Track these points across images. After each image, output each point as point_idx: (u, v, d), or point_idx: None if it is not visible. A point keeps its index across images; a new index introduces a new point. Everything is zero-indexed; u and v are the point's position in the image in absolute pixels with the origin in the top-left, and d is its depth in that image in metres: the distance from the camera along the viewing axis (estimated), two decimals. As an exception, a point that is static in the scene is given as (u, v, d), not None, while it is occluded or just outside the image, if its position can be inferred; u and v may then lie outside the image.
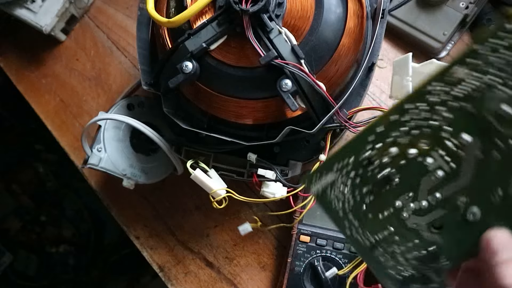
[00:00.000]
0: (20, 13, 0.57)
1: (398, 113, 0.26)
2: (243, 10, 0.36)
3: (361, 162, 0.28)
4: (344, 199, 0.30)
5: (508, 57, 0.23)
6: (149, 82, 0.44)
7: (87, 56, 0.61)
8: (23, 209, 1.20)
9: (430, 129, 0.26)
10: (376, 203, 0.30)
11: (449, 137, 0.26)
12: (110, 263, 1.18)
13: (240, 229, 0.47)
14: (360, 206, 0.30)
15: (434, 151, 0.27)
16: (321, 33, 0.39)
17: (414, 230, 0.29)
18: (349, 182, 0.29)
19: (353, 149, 0.29)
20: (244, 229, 0.47)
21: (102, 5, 0.63)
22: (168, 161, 0.48)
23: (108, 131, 0.50)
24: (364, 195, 0.29)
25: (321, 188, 0.29)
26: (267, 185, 0.44)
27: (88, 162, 0.49)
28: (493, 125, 0.24)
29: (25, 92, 0.62)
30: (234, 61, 0.39)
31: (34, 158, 1.22)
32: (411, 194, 0.28)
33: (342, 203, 0.30)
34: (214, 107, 0.42)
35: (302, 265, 0.48)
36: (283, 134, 0.39)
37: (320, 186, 0.29)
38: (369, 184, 0.29)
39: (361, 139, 0.28)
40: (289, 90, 0.37)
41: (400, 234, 0.29)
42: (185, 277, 0.54)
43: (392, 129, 0.27)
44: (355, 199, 0.30)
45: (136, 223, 0.55)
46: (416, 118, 0.26)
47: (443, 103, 0.25)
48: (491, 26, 0.24)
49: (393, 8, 0.48)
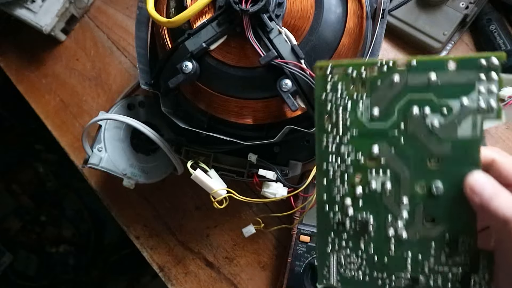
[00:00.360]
0: (20, 13, 0.57)
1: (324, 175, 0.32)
2: (243, 10, 0.36)
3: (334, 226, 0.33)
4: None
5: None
6: (148, 81, 0.44)
7: (87, 56, 0.61)
8: (23, 209, 1.20)
9: (351, 165, 0.32)
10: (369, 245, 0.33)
11: (366, 159, 0.31)
12: (110, 263, 1.18)
13: (244, 231, 0.47)
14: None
15: (369, 176, 0.31)
16: (321, 33, 0.39)
17: (422, 238, 0.31)
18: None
19: None
20: (248, 231, 0.47)
21: (102, 5, 0.63)
22: (168, 161, 0.48)
23: (109, 131, 0.50)
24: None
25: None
26: (268, 186, 0.44)
27: (88, 162, 0.49)
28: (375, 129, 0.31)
29: (25, 92, 0.62)
30: (234, 61, 0.39)
31: (34, 158, 1.22)
32: (390, 217, 0.31)
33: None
34: (214, 107, 0.42)
35: (302, 265, 0.48)
36: (283, 134, 0.39)
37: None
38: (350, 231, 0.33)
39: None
40: (289, 90, 0.37)
41: (418, 250, 0.31)
42: (185, 277, 0.54)
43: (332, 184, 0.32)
44: None
45: (136, 223, 0.56)
46: (337, 166, 0.32)
47: (338, 147, 0.32)
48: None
49: (393, 8, 0.48)
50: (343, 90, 0.32)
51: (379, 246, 0.32)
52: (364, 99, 0.31)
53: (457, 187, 0.30)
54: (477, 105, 0.29)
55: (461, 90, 0.29)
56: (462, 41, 0.54)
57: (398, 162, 0.31)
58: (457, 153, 0.30)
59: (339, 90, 0.32)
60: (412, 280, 0.32)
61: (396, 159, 0.31)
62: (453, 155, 0.30)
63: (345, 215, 0.32)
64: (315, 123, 0.33)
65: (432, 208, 0.31)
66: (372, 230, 0.32)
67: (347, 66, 0.31)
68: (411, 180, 0.31)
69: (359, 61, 0.32)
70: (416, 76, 0.30)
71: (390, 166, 0.31)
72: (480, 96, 0.29)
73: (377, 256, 0.32)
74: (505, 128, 0.51)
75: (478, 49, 0.54)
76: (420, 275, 0.32)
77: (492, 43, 0.51)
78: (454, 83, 0.29)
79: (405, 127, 0.31)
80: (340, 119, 0.32)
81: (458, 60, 0.29)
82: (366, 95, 0.31)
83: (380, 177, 0.31)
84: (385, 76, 0.31)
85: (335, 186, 0.32)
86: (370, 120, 0.31)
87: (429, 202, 0.30)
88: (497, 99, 0.29)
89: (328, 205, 0.33)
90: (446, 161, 0.30)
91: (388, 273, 0.32)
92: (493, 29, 0.52)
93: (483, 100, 0.29)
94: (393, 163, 0.31)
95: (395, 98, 0.31)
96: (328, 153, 0.32)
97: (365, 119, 0.31)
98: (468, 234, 0.30)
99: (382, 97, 0.31)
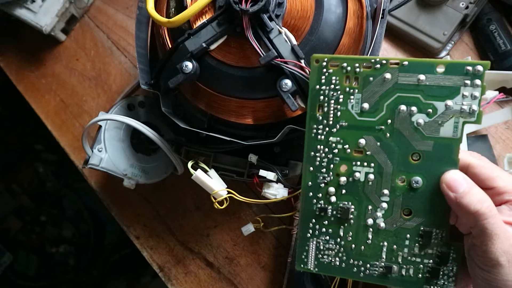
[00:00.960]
0: (20, 13, 0.57)
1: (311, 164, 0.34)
2: (243, 10, 0.36)
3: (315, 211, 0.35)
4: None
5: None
6: (148, 81, 0.44)
7: (87, 56, 0.61)
8: (23, 209, 1.20)
9: (338, 155, 0.34)
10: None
11: (352, 151, 0.33)
12: (110, 263, 1.18)
13: (243, 230, 0.47)
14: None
15: (354, 167, 0.33)
16: (321, 33, 0.39)
17: (398, 229, 0.33)
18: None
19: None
20: (247, 230, 0.47)
21: (102, 5, 0.63)
22: (168, 161, 0.48)
23: (109, 131, 0.50)
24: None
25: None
26: (268, 186, 0.44)
27: (89, 163, 0.49)
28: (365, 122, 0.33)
29: (25, 92, 0.62)
30: (234, 61, 0.39)
31: (34, 158, 1.22)
32: (370, 207, 0.33)
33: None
34: (214, 107, 0.42)
35: (302, 265, 0.48)
36: (283, 134, 0.39)
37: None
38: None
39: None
40: (289, 90, 0.37)
41: (394, 240, 0.33)
42: (185, 277, 0.54)
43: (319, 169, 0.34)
44: None
45: (136, 223, 0.56)
46: (324, 154, 0.34)
47: (327, 137, 0.34)
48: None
49: (393, 8, 0.48)
50: (336, 83, 0.33)
51: (358, 234, 0.34)
52: (356, 93, 0.33)
53: (434, 183, 0.32)
54: (460, 108, 0.31)
55: (447, 92, 0.31)
56: (462, 41, 0.54)
57: (382, 155, 0.33)
58: (437, 151, 0.32)
59: (333, 83, 0.33)
60: (385, 268, 0.34)
61: (381, 152, 0.33)
62: (434, 153, 0.32)
63: (328, 202, 0.34)
64: (307, 112, 0.34)
65: (411, 201, 0.33)
66: (352, 218, 0.34)
67: (342, 60, 0.33)
68: (393, 173, 0.33)
69: (353, 57, 0.33)
70: (406, 76, 0.32)
71: (375, 159, 0.33)
72: (463, 100, 0.31)
73: (354, 244, 0.34)
74: (505, 128, 0.51)
75: (478, 49, 0.54)
76: (393, 265, 0.33)
77: (492, 43, 0.51)
78: (441, 86, 0.31)
79: (392, 123, 0.32)
80: (332, 110, 0.33)
81: (447, 64, 0.31)
82: (358, 90, 0.33)
83: (364, 168, 0.33)
84: (378, 73, 0.32)
85: (321, 174, 0.34)
86: (360, 114, 0.33)
87: (408, 195, 0.33)
88: (479, 104, 0.31)
89: (312, 192, 0.34)
90: (427, 158, 0.32)
91: (363, 261, 0.34)
92: (493, 29, 0.52)
93: (466, 104, 0.31)
94: (378, 156, 0.33)
95: (385, 94, 0.32)
96: (316, 142, 0.34)
97: (355, 113, 0.33)
98: (441, 228, 0.32)
99: (373, 93, 0.32)
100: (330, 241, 0.34)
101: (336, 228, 0.34)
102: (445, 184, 0.31)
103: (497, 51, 0.51)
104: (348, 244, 0.34)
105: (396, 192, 0.33)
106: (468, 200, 0.29)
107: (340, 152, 0.33)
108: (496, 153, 0.50)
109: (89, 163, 0.49)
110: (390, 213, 0.33)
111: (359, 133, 0.33)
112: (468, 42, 0.55)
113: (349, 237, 0.34)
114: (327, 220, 0.34)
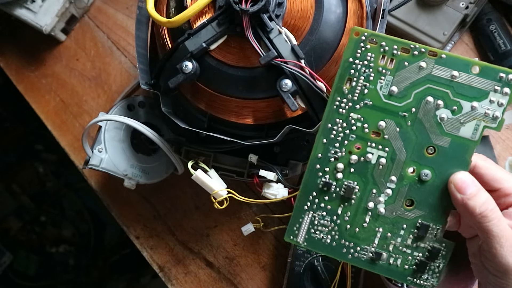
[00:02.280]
0: (20, 13, 0.57)
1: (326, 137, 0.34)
2: (243, 10, 0.36)
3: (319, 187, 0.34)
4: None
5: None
6: (148, 81, 0.44)
7: (87, 56, 0.61)
8: (23, 209, 1.20)
9: (355, 133, 0.33)
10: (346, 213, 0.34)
11: (370, 131, 0.33)
12: (110, 263, 1.18)
13: (243, 229, 0.47)
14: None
15: (368, 148, 0.33)
16: (321, 33, 0.39)
17: (397, 218, 0.33)
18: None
19: None
20: (247, 229, 0.47)
21: (102, 5, 0.63)
22: (168, 161, 0.48)
23: (109, 131, 0.50)
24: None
25: None
26: (268, 186, 0.44)
27: (89, 163, 0.49)
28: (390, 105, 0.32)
29: (25, 92, 0.62)
30: (234, 61, 0.39)
31: (34, 158, 1.22)
32: (374, 190, 0.33)
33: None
34: (214, 107, 0.42)
35: (302, 265, 0.48)
36: (283, 134, 0.39)
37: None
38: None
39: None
40: (289, 90, 0.37)
41: (389, 228, 0.33)
42: (185, 277, 0.54)
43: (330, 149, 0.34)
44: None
45: (136, 223, 0.56)
46: (341, 129, 0.33)
47: (348, 112, 0.33)
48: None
49: (393, 8, 0.48)
50: (370, 61, 0.33)
51: (356, 216, 0.34)
52: (388, 75, 0.32)
53: (443, 179, 0.32)
54: (484, 112, 0.31)
55: (476, 94, 0.31)
56: (462, 41, 0.54)
57: (399, 142, 0.33)
58: (453, 149, 0.32)
59: (367, 59, 0.33)
60: (375, 254, 0.34)
61: (398, 139, 0.33)
62: (449, 150, 0.32)
63: (334, 178, 0.34)
64: (334, 83, 0.33)
65: (415, 192, 0.33)
66: (355, 199, 0.34)
67: (382, 39, 0.32)
68: (405, 162, 0.33)
69: (394, 38, 0.32)
70: (441, 69, 0.32)
71: (391, 144, 0.33)
72: (490, 105, 0.31)
73: (350, 224, 0.34)
74: (505, 128, 0.51)
75: (478, 49, 0.54)
76: (384, 252, 0.33)
77: (492, 43, 0.51)
78: (472, 86, 0.31)
79: (416, 112, 0.32)
80: (359, 86, 0.33)
81: (482, 66, 0.31)
82: (390, 72, 0.32)
83: (378, 151, 0.33)
84: (414, 60, 0.32)
85: (333, 148, 0.34)
86: (387, 97, 0.33)
87: (414, 187, 0.33)
88: (503, 112, 0.31)
89: (320, 164, 0.34)
90: (441, 154, 0.32)
91: (355, 243, 0.34)
92: (493, 29, 0.52)
93: (491, 109, 0.31)
94: (395, 141, 0.33)
95: (416, 83, 0.32)
96: (336, 115, 0.33)
97: (382, 94, 0.33)
98: (438, 224, 0.32)
99: (404, 79, 0.32)
100: (326, 218, 0.34)
101: (336, 206, 0.34)
102: (453, 185, 0.31)
103: (497, 51, 0.51)
104: (344, 224, 0.34)
105: (403, 181, 0.33)
106: (474, 202, 0.29)
107: (358, 130, 0.33)
108: (496, 153, 0.50)
109: (90, 164, 0.49)
110: (393, 201, 0.33)
111: (382, 115, 0.33)
112: (468, 42, 0.55)
113: (346, 217, 0.34)
114: (329, 196, 0.34)
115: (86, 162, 0.49)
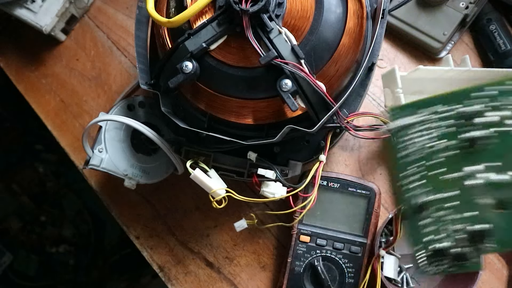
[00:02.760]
0: (20, 13, 0.57)
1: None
2: (243, 10, 0.36)
3: (460, 115, 0.31)
4: (423, 145, 0.32)
5: None
6: (148, 81, 0.44)
7: (87, 56, 0.61)
8: (23, 209, 1.20)
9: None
10: (456, 160, 0.31)
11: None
12: (110, 263, 1.18)
13: (236, 225, 0.47)
14: (438, 156, 0.32)
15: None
16: (321, 33, 0.39)
17: (479, 203, 0.30)
18: (437, 130, 0.32)
19: (446, 100, 0.32)
20: (239, 225, 0.47)
21: (102, 5, 0.63)
22: (168, 161, 0.48)
23: (109, 131, 0.50)
24: (450, 147, 0.31)
25: (400, 126, 0.32)
26: (267, 185, 0.44)
27: (89, 163, 0.49)
28: None
29: (25, 92, 0.62)
30: (234, 61, 0.39)
31: (34, 158, 1.22)
32: (500, 163, 0.30)
33: (417, 148, 0.32)
34: (214, 107, 0.42)
35: (302, 265, 0.48)
36: (283, 134, 0.39)
37: (400, 123, 0.32)
38: (457, 138, 0.31)
39: (461, 93, 0.31)
40: (289, 90, 0.37)
41: (464, 201, 0.30)
42: (185, 277, 0.54)
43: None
44: (436, 149, 0.32)
45: (136, 223, 0.56)
46: None
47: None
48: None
49: (393, 8, 0.48)
50: None
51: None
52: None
53: None
54: None
55: None
56: (462, 41, 0.54)
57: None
58: None
59: None
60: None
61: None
62: None
63: None
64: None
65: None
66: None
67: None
68: None
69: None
70: None
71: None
72: None
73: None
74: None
75: (478, 49, 0.54)
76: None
77: (492, 43, 0.51)
78: None
79: None
80: None
81: None
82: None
83: None
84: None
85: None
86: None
87: None
88: None
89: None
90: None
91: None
92: (493, 29, 0.52)
93: None
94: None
95: None
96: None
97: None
98: None
99: None
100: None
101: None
102: None
103: (497, 51, 0.51)
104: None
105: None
106: None
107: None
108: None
109: (90, 164, 0.49)
110: None
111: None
112: (468, 42, 0.55)
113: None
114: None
115: (87, 162, 0.49)
